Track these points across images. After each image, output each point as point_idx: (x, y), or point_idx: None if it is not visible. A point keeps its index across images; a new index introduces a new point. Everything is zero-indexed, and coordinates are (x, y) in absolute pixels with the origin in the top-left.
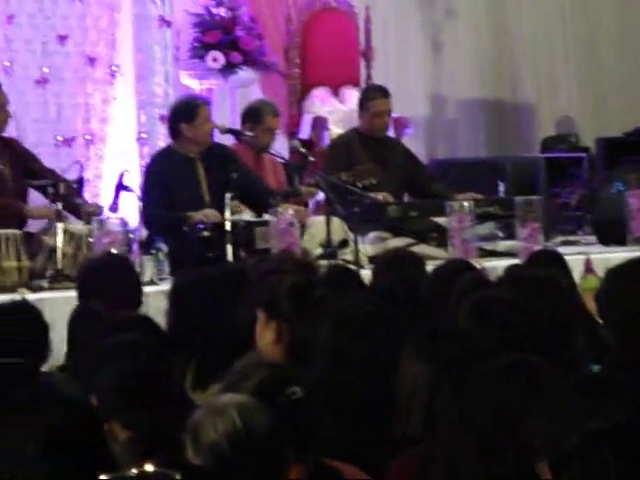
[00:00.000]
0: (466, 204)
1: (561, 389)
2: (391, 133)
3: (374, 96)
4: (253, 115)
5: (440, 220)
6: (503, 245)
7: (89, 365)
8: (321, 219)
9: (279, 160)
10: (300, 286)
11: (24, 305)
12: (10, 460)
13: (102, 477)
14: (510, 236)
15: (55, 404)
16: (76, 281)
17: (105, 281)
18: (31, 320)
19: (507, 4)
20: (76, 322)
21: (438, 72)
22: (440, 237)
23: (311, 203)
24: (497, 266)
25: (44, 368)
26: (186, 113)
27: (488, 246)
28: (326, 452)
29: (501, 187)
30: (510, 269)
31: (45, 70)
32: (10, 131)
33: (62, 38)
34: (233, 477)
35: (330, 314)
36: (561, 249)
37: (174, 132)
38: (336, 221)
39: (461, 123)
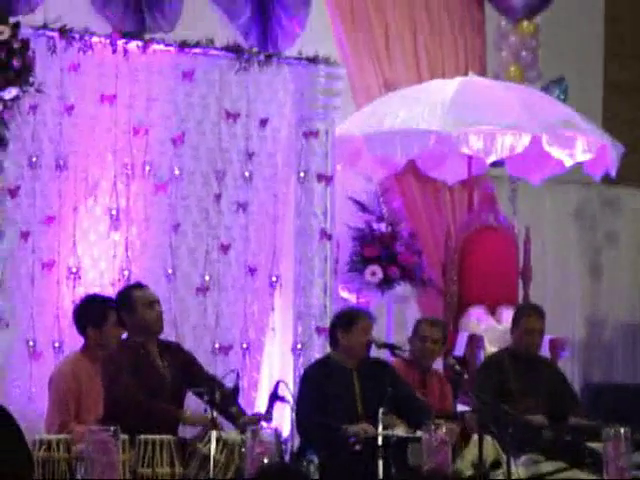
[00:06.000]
0: (622, 430)
1: None
2: (547, 354)
3: (527, 313)
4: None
5: (595, 445)
6: None
7: None
8: (474, 438)
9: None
10: None
11: None
12: None
13: None
14: None
15: None
16: None
17: None
18: None
19: None
20: None
21: (596, 295)
22: (595, 463)
23: None
24: None
25: None
26: (344, 321)
27: None
28: None
29: None
30: None
31: (206, 278)
32: (169, 336)
33: (225, 247)
34: None
35: None
36: None
37: (332, 340)
38: (489, 441)
39: (619, 347)
